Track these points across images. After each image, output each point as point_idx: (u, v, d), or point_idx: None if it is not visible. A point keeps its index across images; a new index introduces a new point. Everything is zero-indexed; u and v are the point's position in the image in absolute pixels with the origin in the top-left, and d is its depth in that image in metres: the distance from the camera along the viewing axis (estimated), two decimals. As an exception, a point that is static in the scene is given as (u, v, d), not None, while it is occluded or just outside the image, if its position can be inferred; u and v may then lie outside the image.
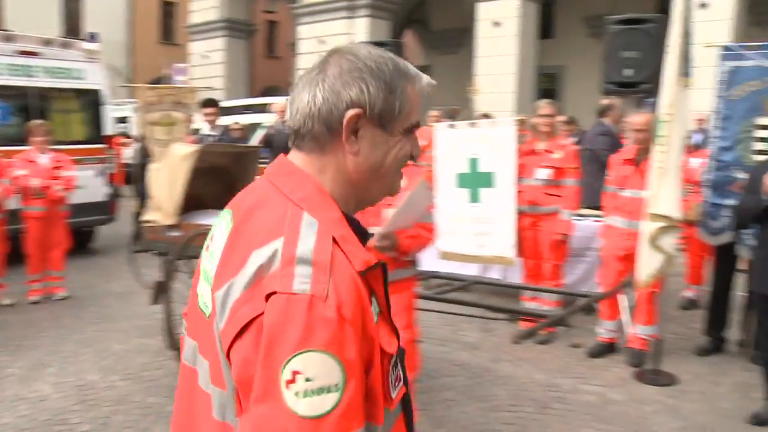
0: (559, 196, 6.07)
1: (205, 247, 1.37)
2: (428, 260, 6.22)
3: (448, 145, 6.19)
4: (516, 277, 6.81)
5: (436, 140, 6.28)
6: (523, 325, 6.18)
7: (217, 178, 5.93)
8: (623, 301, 5.74)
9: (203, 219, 5.49)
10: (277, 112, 11.42)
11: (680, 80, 4.88)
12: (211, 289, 1.24)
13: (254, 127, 12.60)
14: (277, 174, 1.30)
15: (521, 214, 6.18)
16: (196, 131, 9.90)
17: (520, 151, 6.22)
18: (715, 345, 6.02)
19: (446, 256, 6.41)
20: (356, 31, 18.36)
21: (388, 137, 1.28)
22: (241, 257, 1.19)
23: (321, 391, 1.08)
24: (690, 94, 5.06)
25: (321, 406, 1.07)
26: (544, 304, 6.26)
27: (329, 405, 1.08)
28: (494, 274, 7.41)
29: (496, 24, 15.73)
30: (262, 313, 1.11)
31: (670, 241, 5.03)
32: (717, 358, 5.88)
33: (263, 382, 1.08)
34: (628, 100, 6.65)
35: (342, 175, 1.28)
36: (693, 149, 7.27)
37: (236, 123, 11.94)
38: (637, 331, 5.66)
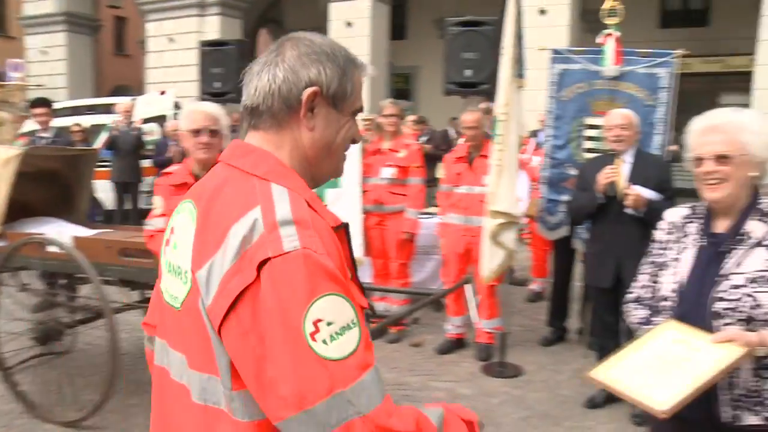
0: (404, 195, 6.13)
1: (164, 242, 1.42)
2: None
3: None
4: (365, 276, 6.82)
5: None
6: (375, 326, 6.20)
7: (48, 183, 5.51)
8: (470, 296, 5.88)
9: (32, 227, 5.08)
10: (122, 113, 10.85)
11: (514, 81, 5.07)
12: (189, 270, 1.28)
13: (98, 128, 11.89)
14: (233, 156, 1.37)
15: (367, 213, 6.20)
16: (32, 132, 9.22)
17: (366, 150, 6.24)
18: (557, 335, 6.29)
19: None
20: (207, 29, 17.82)
21: (339, 116, 1.38)
22: (217, 235, 1.23)
23: (344, 330, 1.16)
24: (523, 95, 5.25)
25: (348, 344, 1.16)
26: (393, 303, 6.31)
27: (355, 340, 1.18)
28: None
29: (349, 24, 15.81)
30: (253, 282, 1.15)
31: (510, 237, 5.20)
32: (559, 347, 6.14)
33: (286, 343, 1.14)
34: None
35: (298, 151, 1.36)
36: (537, 147, 7.59)
37: (77, 124, 11.22)
38: (482, 325, 5.81)
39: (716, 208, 2.30)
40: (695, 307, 2.21)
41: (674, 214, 2.45)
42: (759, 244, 2.19)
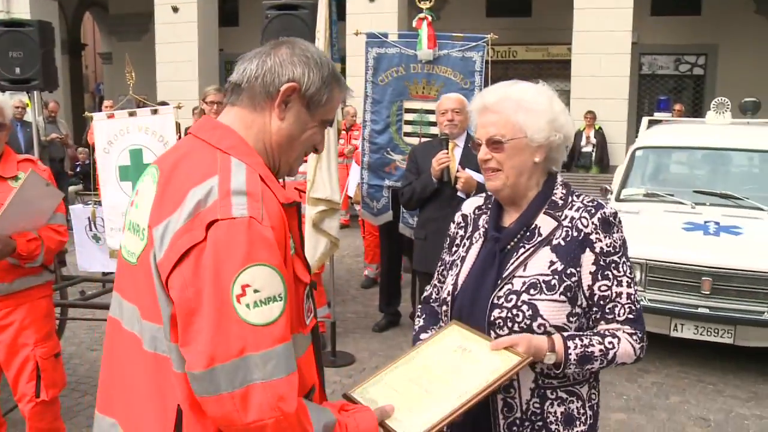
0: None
1: (129, 203, 1.54)
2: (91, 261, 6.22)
3: (108, 135, 5.68)
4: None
5: (95, 131, 5.75)
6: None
7: None
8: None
9: None
10: None
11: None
12: (147, 226, 1.40)
13: None
14: (201, 129, 1.51)
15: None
16: None
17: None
18: (389, 320, 6.30)
19: (114, 254, 5.94)
20: (16, 9, 16.27)
21: (309, 119, 1.53)
22: (176, 197, 1.35)
23: (269, 300, 1.28)
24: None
25: (270, 314, 1.28)
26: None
27: (276, 313, 1.29)
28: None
29: (175, 9, 15.16)
30: (200, 241, 1.28)
31: (332, 224, 5.13)
32: (391, 333, 6.16)
33: (214, 300, 1.26)
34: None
35: (264, 135, 1.50)
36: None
37: None
38: (310, 315, 5.71)
39: (503, 200, 1.94)
40: (470, 313, 1.87)
41: (469, 206, 2.08)
42: (547, 242, 1.83)
